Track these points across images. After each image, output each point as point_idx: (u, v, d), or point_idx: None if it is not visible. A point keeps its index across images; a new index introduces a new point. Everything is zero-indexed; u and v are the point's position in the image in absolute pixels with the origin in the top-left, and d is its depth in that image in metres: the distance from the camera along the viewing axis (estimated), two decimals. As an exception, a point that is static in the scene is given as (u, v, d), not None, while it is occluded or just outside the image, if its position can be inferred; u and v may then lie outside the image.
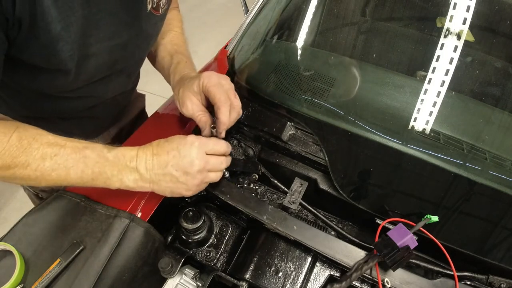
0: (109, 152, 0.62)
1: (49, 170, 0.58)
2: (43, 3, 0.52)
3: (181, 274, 0.68)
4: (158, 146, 0.64)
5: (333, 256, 0.66)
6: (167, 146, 0.63)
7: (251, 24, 1.09)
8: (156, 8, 0.74)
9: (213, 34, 3.32)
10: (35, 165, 0.57)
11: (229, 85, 0.71)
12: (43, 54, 0.60)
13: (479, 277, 0.69)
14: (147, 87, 1.48)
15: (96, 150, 0.61)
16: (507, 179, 0.77)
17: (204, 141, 0.64)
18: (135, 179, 0.62)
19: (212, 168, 0.65)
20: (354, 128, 0.81)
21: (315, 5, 1.05)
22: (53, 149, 0.58)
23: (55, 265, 0.60)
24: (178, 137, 0.64)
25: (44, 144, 0.58)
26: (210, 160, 0.64)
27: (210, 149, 0.65)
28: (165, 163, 0.62)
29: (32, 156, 0.56)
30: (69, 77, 0.67)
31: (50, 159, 0.57)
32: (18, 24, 0.53)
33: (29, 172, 0.57)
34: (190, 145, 0.62)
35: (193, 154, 0.62)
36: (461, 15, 0.84)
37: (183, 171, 0.62)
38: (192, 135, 0.65)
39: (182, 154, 0.62)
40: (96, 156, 0.60)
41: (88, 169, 0.60)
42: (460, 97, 0.89)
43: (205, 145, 0.64)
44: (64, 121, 0.86)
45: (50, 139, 0.59)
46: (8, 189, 2.09)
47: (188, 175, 0.62)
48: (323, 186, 0.78)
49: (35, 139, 0.57)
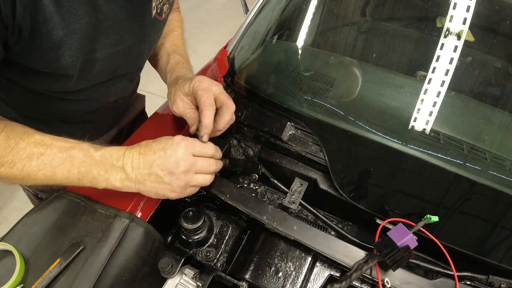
0: (96, 151, 0.61)
1: (35, 170, 0.57)
2: (45, 10, 0.52)
3: (181, 274, 0.68)
4: (145, 146, 0.63)
5: (333, 256, 0.66)
6: (154, 146, 0.63)
7: (251, 24, 1.09)
8: (160, 13, 0.75)
9: (213, 34, 3.32)
10: (21, 165, 0.56)
11: (220, 90, 0.72)
12: (44, 60, 0.60)
13: (479, 277, 0.69)
14: (147, 87, 1.48)
15: (83, 149, 0.61)
16: (507, 179, 0.77)
17: (191, 142, 0.64)
18: (121, 179, 0.62)
19: (199, 170, 0.64)
20: (354, 128, 0.81)
21: (315, 5, 1.05)
22: (39, 148, 0.58)
23: (55, 265, 0.60)
24: (165, 138, 0.64)
25: (31, 144, 0.57)
26: (197, 162, 0.63)
27: (197, 151, 0.64)
28: (151, 162, 0.61)
29: (19, 156, 0.56)
30: (71, 81, 0.67)
31: (37, 159, 0.57)
32: (18, 31, 0.53)
33: (15, 172, 0.57)
34: (176, 145, 0.62)
35: (179, 154, 0.61)
36: (461, 15, 0.84)
37: (168, 171, 0.61)
38: (180, 136, 0.64)
39: (168, 154, 0.61)
40: (82, 156, 0.60)
41: (74, 169, 0.59)
42: (460, 97, 0.89)
43: (191, 146, 0.63)
44: (65, 124, 0.85)
45: (37, 139, 0.58)
46: (8, 189, 2.09)
47: (173, 176, 0.61)
48: (323, 186, 0.78)
49: (22, 139, 0.57)
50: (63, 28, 0.56)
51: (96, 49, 0.65)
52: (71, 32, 0.57)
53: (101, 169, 0.61)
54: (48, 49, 0.57)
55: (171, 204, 0.73)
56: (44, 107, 0.78)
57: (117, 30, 0.66)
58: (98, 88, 0.76)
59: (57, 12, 0.53)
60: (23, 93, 0.73)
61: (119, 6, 0.62)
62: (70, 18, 0.56)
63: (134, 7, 0.66)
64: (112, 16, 0.62)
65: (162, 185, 0.62)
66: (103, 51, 0.66)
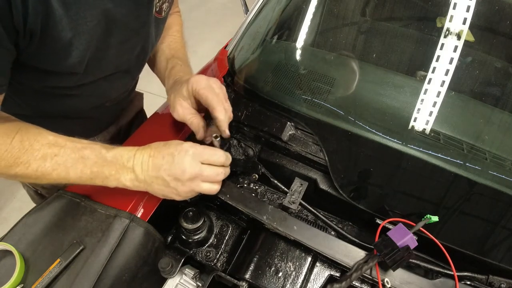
0: (108, 152, 0.63)
1: (49, 170, 0.59)
2: (55, 14, 0.54)
3: (181, 274, 0.68)
4: (155, 149, 0.64)
5: (333, 256, 0.66)
6: (164, 150, 0.64)
7: (251, 24, 1.09)
8: (159, 12, 0.77)
9: (213, 34, 3.32)
10: (36, 165, 0.58)
11: (220, 88, 0.72)
12: (52, 60, 0.62)
13: (479, 277, 0.69)
14: (147, 87, 1.48)
15: (95, 150, 0.62)
16: (507, 179, 0.77)
17: (200, 150, 0.64)
18: (131, 179, 0.63)
19: (206, 179, 0.64)
20: (354, 128, 0.81)
21: (315, 5, 1.05)
22: (53, 149, 0.59)
23: (55, 265, 0.60)
24: (175, 143, 0.64)
25: (45, 145, 0.59)
26: (204, 171, 0.63)
27: (205, 159, 0.64)
28: (159, 166, 0.62)
29: (33, 156, 0.58)
30: (75, 78, 0.69)
31: (51, 160, 0.59)
32: (29, 35, 0.54)
33: (31, 172, 0.59)
34: (184, 153, 0.62)
35: (186, 162, 0.62)
36: (461, 15, 0.84)
37: (174, 177, 0.62)
38: (189, 143, 0.64)
39: (176, 160, 0.62)
40: (94, 157, 0.62)
41: (87, 169, 0.61)
42: (460, 97, 0.89)
43: (200, 155, 0.63)
44: (67, 120, 0.86)
45: (51, 140, 0.60)
46: (8, 189, 2.09)
47: (179, 182, 0.62)
48: (323, 186, 0.78)
49: (36, 140, 0.59)
50: (72, 29, 0.57)
51: (104, 49, 0.67)
52: (79, 33, 0.59)
53: (112, 170, 0.62)
54: (57, 50, 0.59)
55: (171, 204, 0.73)
56: (46, 103, 0.79)
57: (123, 31, 0.68)
58: (101, 83, 0.78)
59: (66, 15, 0.55)
60: (26, 91, 0.74)
61: (126, 8, 0.64)
62: (79, 20, 0.57)
63: (139, 7, 0.68)
64: (119, 18, 0.64)
65: (168, 189, 0.64)
66: (111, 50, 0.68)
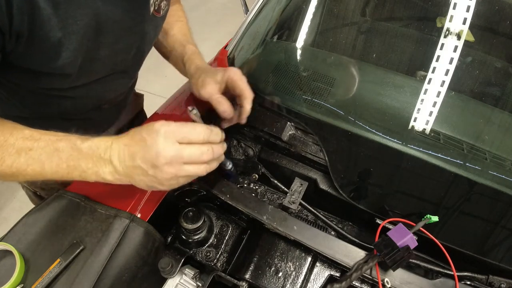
0: (83, 143, 0.57)
1: (24, 166, 0.55)
2: (42, 14, 0.52)
3: (181, 274, 0.68)
4: (130, 135, 0.57)
5: (333, 256, 0.66)
6: (137, 135, 0.56)
7: (251, 24, 1.09)
8: (158, 10, 0.75)
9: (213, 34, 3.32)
10: (11, 161, 0.55)
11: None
12: (42, 61, 0.60)
13: (479, 277, 0.69)
14: (147, 87, 1.48)
15: (70, 142, 0.57)
16: (507, 179, 0.77)
17: (173, 127, 0.54)
18: (110, 172, 0.57)
19: (188, 160, 0.55)
20: (354, 128, 0.81)
21: (315, 5, 1.05)
22: (27, 143, 0.55)
23: (55, 265, 0.60)
24: (147, 125, 0.56)
25: (20, 139, 0.55)
26: (183, 151, 0.54)
27: (182, 138, 0.54)
28: (134, 154, 0.55)
29: (8, 152, 0.54)
30: (69, 79, 0.67)
31: (25, 154, 0.55)
32: (15, 37, 0.52)
33: (5, 168, 0.55)
34: (156, 134, 0.53)
35: (159, 144, 0.53)
36: (461, 15, 0.84)
37: (150, 163, 0.54)
38: (160, 121, 0.55)
39: (148, 144, 0.53)
40: (69, 149, 0.56)
41: (62, 163, 0.56)
42: (460, 97, 0.89)
43: (174, 133, 0.54)
44: (65, 121, 0.86)
45: (26, 134, 0.56)
46: (8, 189, 2.09)
47: (156, 169, 0.54)
48: (323, 186, 0.78)
49: (11, 134, 0.55)
50: (61, 29, 0.55)
51: (96, 48, 0.64)
52: (69, 33, 0.57)
53: (89, 162, 0.56)
54: (46, 51, 0.57)
55: (171, 204, 0.73)
56: (42, 104, 0.78)
57: (116, 30, 0.65)
58: (97, 84, 0.76)
59: (54, 14, 0.53)
60: (22, 91, 0.74)
61: (118, 7, 0.62)
62: (68, 20, 0.55)
63: (133, 6, 0.66)
64: (111, 16, 0.62)
65: (148, 178, 0.56)
66: (103, 50, 0.66)
